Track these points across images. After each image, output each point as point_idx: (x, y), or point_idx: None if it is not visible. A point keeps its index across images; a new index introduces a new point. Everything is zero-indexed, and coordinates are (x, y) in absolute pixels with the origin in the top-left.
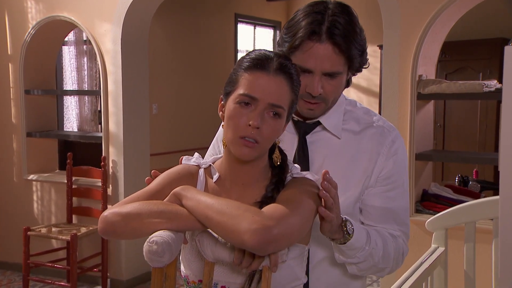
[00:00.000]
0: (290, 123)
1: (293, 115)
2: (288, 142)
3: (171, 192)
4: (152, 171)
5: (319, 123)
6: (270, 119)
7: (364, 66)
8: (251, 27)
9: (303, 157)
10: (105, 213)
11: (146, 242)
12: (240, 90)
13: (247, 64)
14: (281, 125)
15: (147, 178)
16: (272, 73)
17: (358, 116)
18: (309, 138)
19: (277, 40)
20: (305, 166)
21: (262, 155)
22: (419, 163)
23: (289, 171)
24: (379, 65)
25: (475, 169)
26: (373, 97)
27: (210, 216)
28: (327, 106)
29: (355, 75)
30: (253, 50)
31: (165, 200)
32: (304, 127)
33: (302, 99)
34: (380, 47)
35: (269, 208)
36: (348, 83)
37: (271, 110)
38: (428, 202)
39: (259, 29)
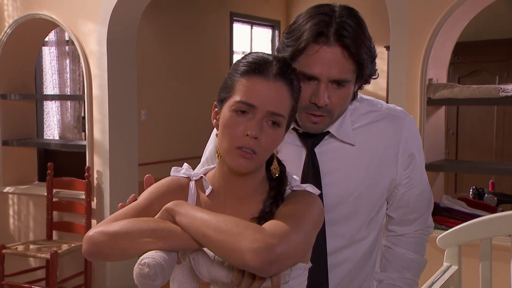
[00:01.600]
0: (295, 136)
1: (298, 127)
2: (295, 155)
3: (162, 208)
4: (146, 176)
5: (328, 132)
6: (269, 129)
7: (373, 77)
8: (247, 27)
9: (313, 171)
10: (90, 232)
11: (136, 264)
12: (237, 97)
13: (244, 68)
14: (280, 135)
15: (131, 195)
16: (271, 79)
17: (364, 112)
18: (318, 149)
19: (277, 46)
20: (317, 181)
21: (260, 167)
22: (429, 174)
23: (288, 183)
24: (386, 68)
25: (491, 181)
26: None
27: (207, 234)
28: (331, 121)
29: (361, 87)
30: (250, 53)
31: (156, 216)
32: (312, 139)
33: (305, 112)
34: (387, 48)
35: (270, 225)
36: (354, 96)
37: (270, 119)
38: (439, 217)
39: (256, 29)
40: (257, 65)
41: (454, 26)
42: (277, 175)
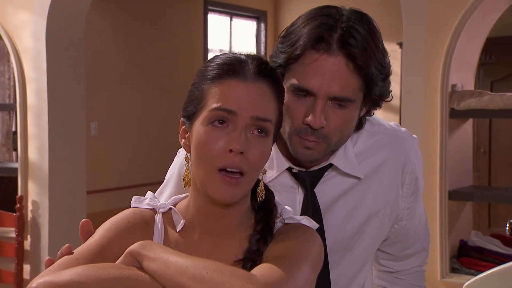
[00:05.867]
0: (288, 176)
1: (292, 166)
2: (288, 199)
3: (126, 251)
4: (82, 221)
5: (330, 165)
6: (256, 139)
7: (386, 99)
8: (226, 19)
9: (313, 214)
10: (33, 284)
11: None
12: (212, 105)
13: (214, 73)
14: (269, 146)
15: (65, 246)
16: (249, 80)
17: (365, 134)
18: (318, 187)
19: (270, 54)
20: (319, 224)
21: (246, 194)
22: (454, 205)
23: (279, 215)
24: (399, 70)
25: None
26: (391, 112)
27: (184, 284)
28: (328, 149)
29: (370, 112)
30: (216, 56)
31: (117, 262)
32: (310, 177)
33: (297, 135)
34: (400, 45)
35: (261, 271)
36: (360, 123)
37: (256, 126)
38: (467, 258)
39: (237, 21)
40: (230, 66)
41: (483, 19)
42: (262, 199)
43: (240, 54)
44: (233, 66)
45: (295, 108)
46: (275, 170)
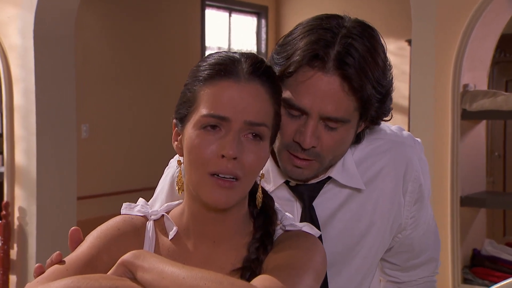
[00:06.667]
0: (285, 188)
1: (289, 179)
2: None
3: (118, 261)
4: (72, 229)
5: (329, 177)
6: (250, 144)
7: (384, 118)
8: (225, 14)
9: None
10: None
11: None
12: (202, 111)
13: (206, 73)
14: (266, 150)
15: (55, 253)
16: (243, 80)
17: (364, 141)
18: (316, 201)
19: (268, 59)
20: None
21: (242, 198)
22: (466, 211)
23: (279, 221)
24: (408, 68)
25: None
26: (400, 113)
27: None
28: (322, 167)
29: (369, 128)
30: (209, 55)
31: (109, 272)
32: (309, 190)
33: (287, 151)
34: (409, 42)
35: (262, 282)
36: (359, 138)
37: (250, 131)
38: (481, 268)
39: (236, 17)
40: (222, 66)
41: (497, 14)
42: (260, 205)
43: (234, 52)
44: (225, 66)
45: (287, 124)
46: (271, 184)
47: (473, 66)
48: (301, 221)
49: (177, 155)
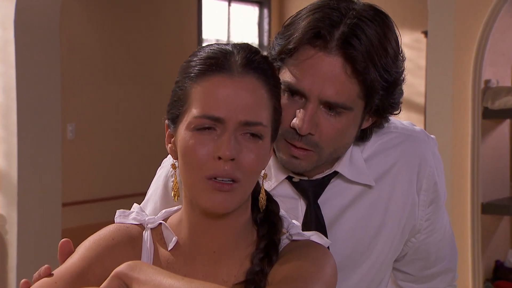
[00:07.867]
0: (288, 185)
1: (293, 175)
2: (287, 209)
3: (112, 273)
4: (62, 240)
5: (335, 172)
6: (249, 142)
7: (394, 112)
8: (224, 3)
9: (316, 228)
10: None
11: None
12: (194, 111)
13: (197, 69)
14: (266, 148)
15: (44, 267)
16: (236, 74)
17: (373, 135)
18: (321, 198)
19: (269, 44)
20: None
21: (243, 202)
22: (488, 219)
23: (285, 230)
24: (424, 63)
25: None
26: (415, 112)
27: None
28: (321, 161)
29: (379, 125)
30: (200, 48)
31: (102, 285)
32: (313, 187)
33: (284, 139)
34: (425, 34)
35: None
36: (365, 135)
37: (246, 131)
38: (504, 282)
39: (236, 6)
40: (213, 60)
41: None
42: (264, 206)
43: (226, 44)
44: (216, 59)
45: (285, 108)
46: (273, 180)
47: (495, 60)
48: (305, 220)
49: (170, 156)
